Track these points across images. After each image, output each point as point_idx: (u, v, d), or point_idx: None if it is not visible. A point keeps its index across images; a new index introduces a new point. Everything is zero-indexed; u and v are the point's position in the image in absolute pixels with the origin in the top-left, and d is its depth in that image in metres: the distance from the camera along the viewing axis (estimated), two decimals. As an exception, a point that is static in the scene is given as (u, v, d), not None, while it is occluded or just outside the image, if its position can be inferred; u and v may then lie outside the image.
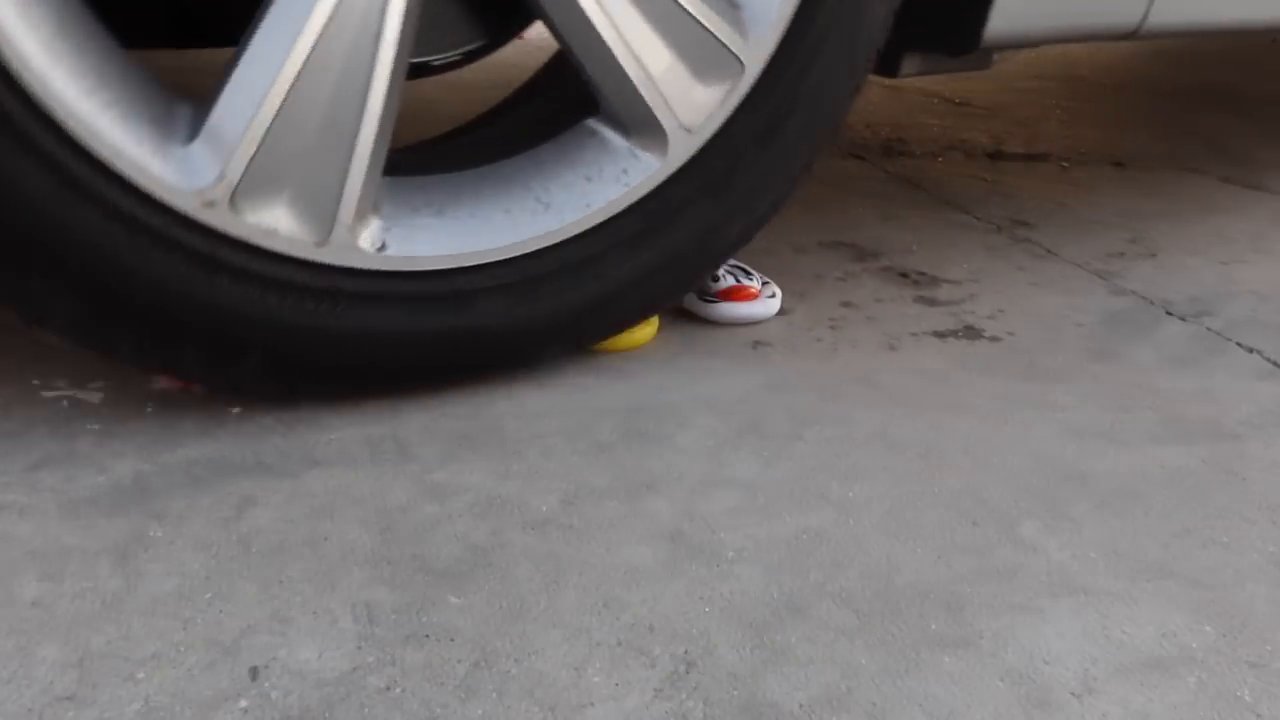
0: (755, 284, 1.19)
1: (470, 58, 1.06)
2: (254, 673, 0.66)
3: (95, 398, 0.97)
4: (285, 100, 0.82)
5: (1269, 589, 0.79)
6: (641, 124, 0.94)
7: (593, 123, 0.97)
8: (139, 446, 0.89)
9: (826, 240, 1.47)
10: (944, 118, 2.28)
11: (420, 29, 0.87)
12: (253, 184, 0.84)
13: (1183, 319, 1.28)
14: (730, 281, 1.17)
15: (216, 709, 0.64)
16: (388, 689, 0.66)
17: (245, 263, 0.86)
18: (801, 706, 0.66)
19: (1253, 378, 1.13)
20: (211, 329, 0.87)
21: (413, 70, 0.95)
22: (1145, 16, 1.19)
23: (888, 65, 1.18)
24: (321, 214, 0.86)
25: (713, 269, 1.03)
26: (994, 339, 1.19)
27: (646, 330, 1.12)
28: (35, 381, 0.99)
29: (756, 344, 1.14)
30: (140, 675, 0.66)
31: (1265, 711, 0.68)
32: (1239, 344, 1.21)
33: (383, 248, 0.90)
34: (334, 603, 0.73)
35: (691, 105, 0.93)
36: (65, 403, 0.96)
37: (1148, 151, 2.10)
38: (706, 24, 0.91)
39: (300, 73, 0.82)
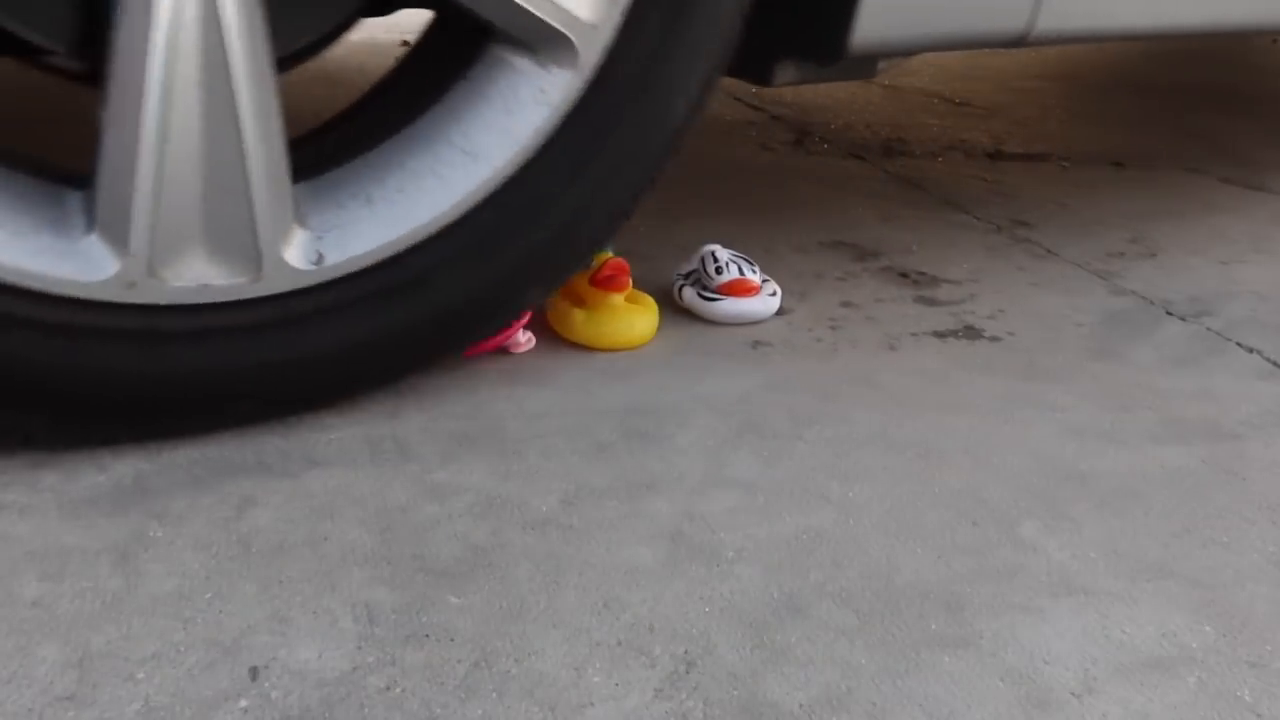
0: (757, 278, 1.19)
1: (340, 31, 0.95)
2: (254, 673, 0.66)
3: (95, 398, 0.97)
4: (159, 154, 0.78)
5: (1269, 589, 0.79)
6: (542, 35, 0.87)
7: (495, 49, 0.89)
8: (139, 446, 0.89)
9: (826, 240, 1.47)
10: (944, 118, 2.28)
11: (272, 18, 0.81)
12: (165, 250, 0.81)
13: (1183, 319, 1.28)
14: (734, 273, 1.17)
15: (216, 709, 0.64)
16: (388, 689, 0.66)
17: (191, 324, 0.84)
18: (801, 706, 0.66)
19: (1253, 378, 1.13)
20: (192, 393, 0.86)
21: (283, 63, 0.88)
22: (1033, 22, 1.12)
23: (760, 74, 1.11)
24: (244, 250, 0.83)
25: (668, 158, 0.96)
26: (994, 339, 1.19)
27: (647, 330, 1.12)
28: (35, 381, 0.99)
29: (756, 344, 1.14)
30: (140, 675, 0.66)
31: (1265, 711, 0.68)
32: (1239, 344, 1.21)
33: (319, 259, 0.86)
34: (334, 603, 0.73)
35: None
36: (65, 403, 0.96)
37: (1148, 151, 2.10)
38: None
39: (163, 119, 0.77)
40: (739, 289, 1.17)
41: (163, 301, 0.83)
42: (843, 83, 2.59)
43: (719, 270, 1.17)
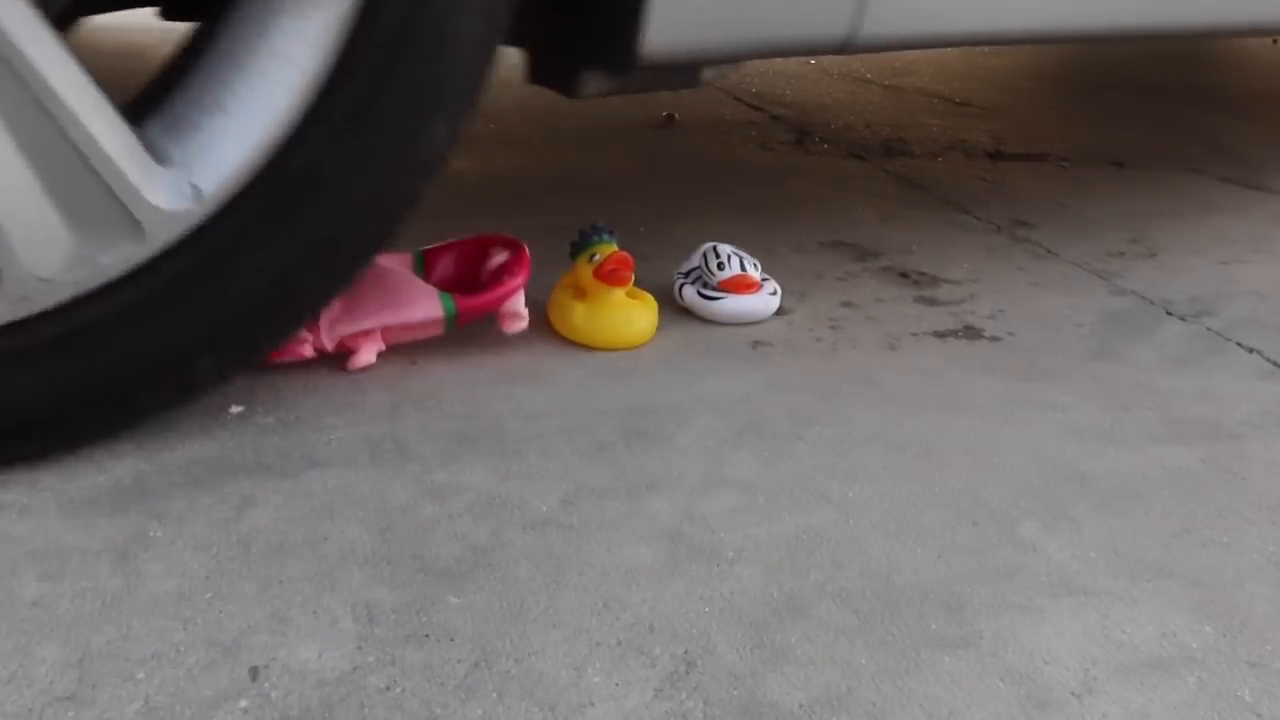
0: (758, 275, 1.19)
1: None
2: (254, 673, 0.66)
3: (95, 398, 0.97)
4: None
5: (1269, 589, 0.79)
6: None
7: None
8: (139, 446, 0.89)
9: (826, 240, 1.47)
10: (944, 118, 2.28)
11: None
12: (33, 261, 0.77)
13: (1183, 319, 1.28)
14: (736, 268, 1.17)
15: (216, 709, 0.64)
16: (388, 689, 0.66)
17: (112, 305, 0.81)
18: (801, 706, 0.66)
19: (1253, 378, 1.13)
20: (152, 364, 0.84)
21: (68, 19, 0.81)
22: (856, 29, 1.04)
23: (565, 84, 1.04)
24: (114, 219, 0.78)
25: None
26: (994, 339, 1.19)
27: (646, 327, 1.12)
28: (35, 381, 0.99)
29: (756, 344, 1.14)
30: (140, 675, 0.66)
31: (1265, 711, 0.68)
32: (1239, 344, 1.21)
33: (198, 194, 0.80)
34: (334, 603, 0.73)
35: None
36: (65, 403, 0.96)
37: (1148, 151, 2.10)
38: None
39: None
40: (740, 285, 1.17)
41: (67, 298, 0.79)
42: (843, 83, 2.59)
43: (720, 266, 1.17)
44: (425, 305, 1.03)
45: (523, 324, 1.08)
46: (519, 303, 1.07)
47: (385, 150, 0.86)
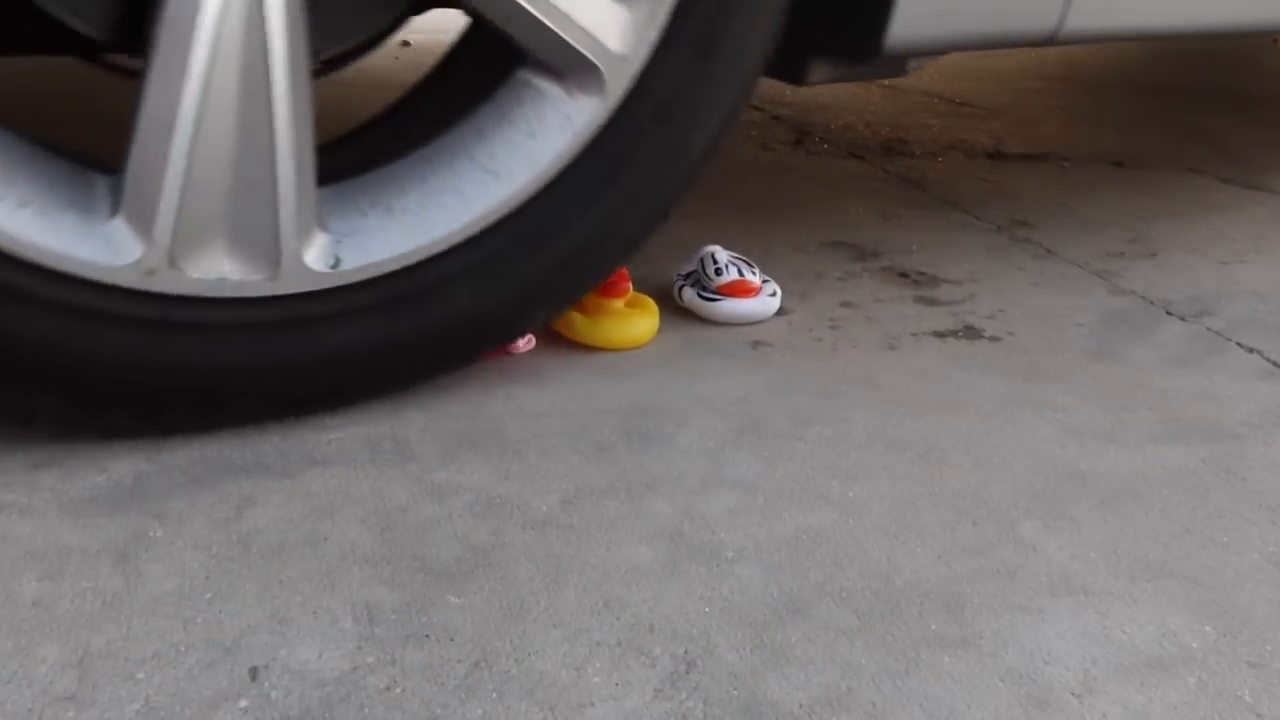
0: (757, 279, 1.19)
1: (382, 37, 0.96)
2: (254, 673, 0.66)
3: (95, 398, 0.97)
4: (192, 146, 0.79)
5: (1269, 589, 0.79)
6: (572, 64, 0.88)
7: (524, 73, 0.90)
8: (139, 446, 0.89)
9: (826, 240, 1.47)
10: (944, 118, 2.28)
11: (314, 21, 0.81)
12: (187, 241, 0.82)
13: (1183, 319, 1.28)
14: (733, 275, 1.17)
15: (216, 709, 0.64)
16: (388, 689, 0.66)
17: (204, 316, 0.85)
18: (801, 706, 0.66)
19: (1253, 378, 1.13)
20: (199, 386, 0.87)
21: (324, 66, 0.91)
22: (1061, 22, 1.13)
23: (793, 73, 1.13)
24: (264, 248, 0.84)
25: (684, 190, 0.98)
26: (994, 339, 1.19)
27: (647, 330, 1.12)
28: (35, 381, 0.99)
29: (756, 344, 1.14)
30: (140, 675, 0.66)
31: (1265, 711, 0.68)
32: (1239, 344, 1.21)
33: (337, 263, 0.87)
34: (334, 603, 0.73)
35: (616, 27, 0.87)
36: (65, 403, 0.96)
37: (1148, 151, 2.10)
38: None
39: (199, 113, 0.78)
40: (738, 290, 1.17)
41: (179, 292, 0.83)
42: (842, 83, 2.59)
43: (718, 272, 1.17)
44: None
45: (529, 346, 1.09)
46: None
47: (684, 139, 0.95)
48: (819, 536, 0.82)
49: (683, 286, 1.20)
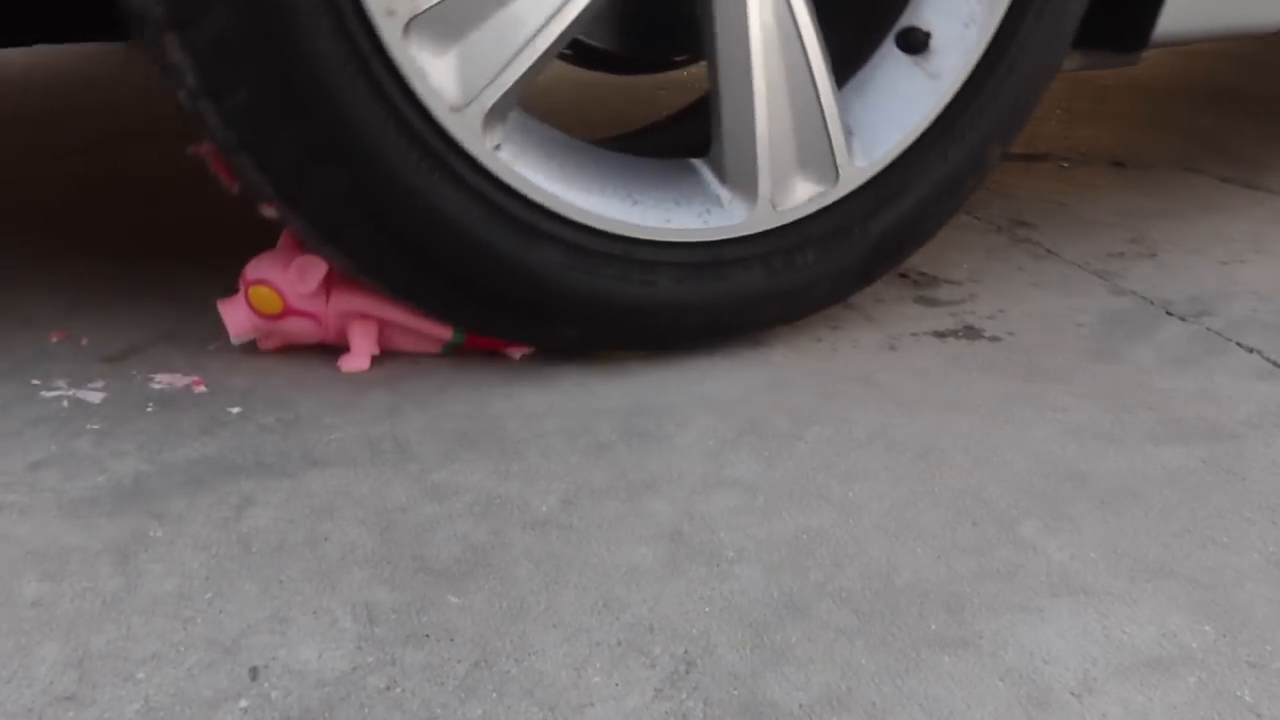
0: None
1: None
2: (254, 673, 0.66)
3: (95, 398, 0.97)
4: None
5: (1269, 589, 0.79)
6: (740, 181, 1.05)
7: (695, 161, 1.08)
8: (139, 446, 0.89)
9: (826, 240, 1.47)
10: (944, 118, 2.28)
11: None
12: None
13: (1183, 319, 1.28)
14: None
15: (216, 709, 0.64)
16: (388, 689, 0.66)
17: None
18: (801, 706, 0.66)
19: (1253, 378, 1.13)
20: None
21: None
22: None
23: None
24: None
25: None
26: (994, 339, 1.19)
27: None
28: (35, 381, 0.99)
29: (756, 344, 1.14)
30: (140, 675, 0.66)
31: (1265, 711, 0.68)
32: (1239, 344, 1.21)
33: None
34: (334, 603, 0.73)
35: (786, 189, 1.06)
36: (65, 403, 0.96)
37: (1148, 151, 2.10)
38: (832, 139, 1.05)
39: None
40: None
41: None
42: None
43: None
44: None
45: (528, 349, 1.09)
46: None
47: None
48: (819, 536, 0.82)
49: None
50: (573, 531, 0.81)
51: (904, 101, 1.10)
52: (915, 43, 1.10)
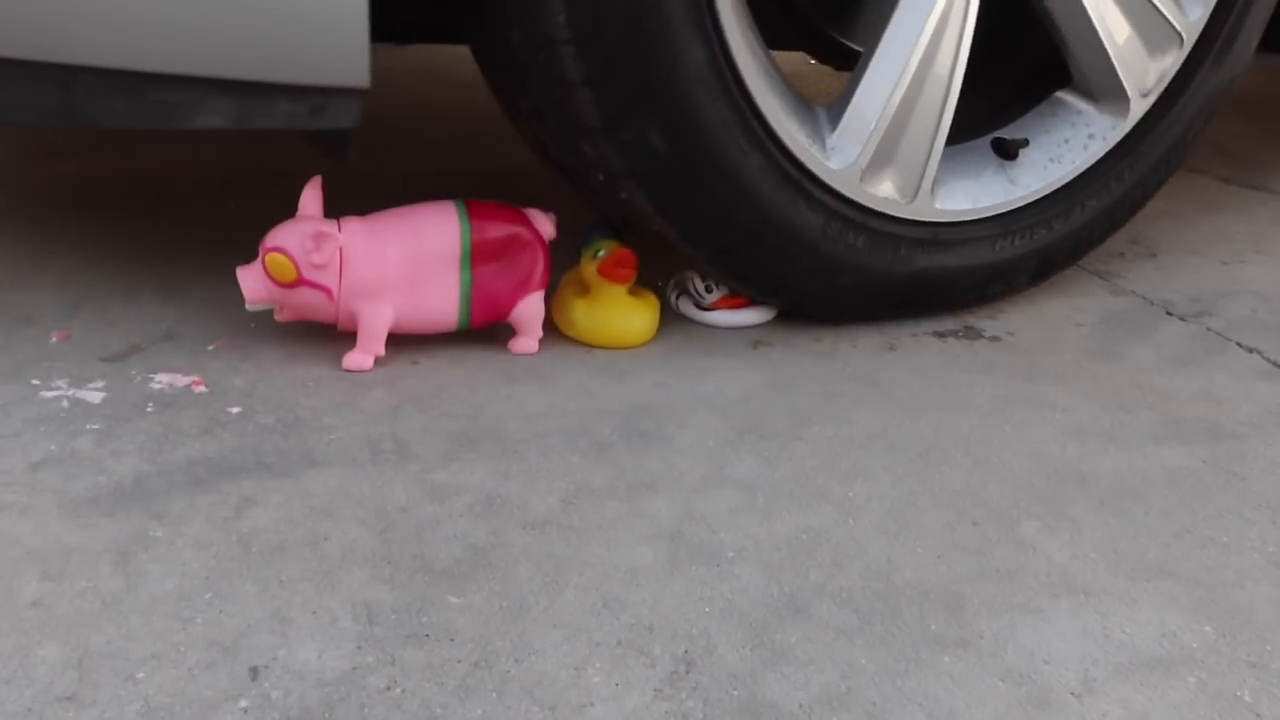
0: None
1: None
2: (254, 673, 0.66)
3: (95, 398, 0.97)
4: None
5: (1269, 589, 0.79)
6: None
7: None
8: (139, 446, 0.89)
9: (826, 240, 1.47)
10: (944, 118, 2.28)
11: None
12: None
13: (1183, 319, 1.28)
14: (723, 290, 1.17)
15: (216, 709, 0.64)
16: (388, 689, 0.66)
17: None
18: (801, 706, 0.66)
19: (1253, 378, 1.13)
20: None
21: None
22: None
23: None
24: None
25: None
26: (994, 339, 1.19)
27: (647, 325, 1.12)
28: (35, 381, 0.99)
29: (756, 344, 1.14)
30: (140, 675, 0.66)
31: (1265, 711, 0.68)
32: (1239, 344, 1.21)
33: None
34: (334, 603, 0.73)
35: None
36: (65, 403, 0.96)
37: (1148, 151, 2.09)
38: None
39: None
40: (730, 303, 1.17)
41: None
42: (842, 82, 2.58)
43: (709, 289, 1.17)
44: (444, 298, 1.03)
45: (532, 348, 1.08)
46: (531, 311, 1.07)
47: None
48: (819, 536, 0.82)
49: (679, 296, 1.19)
50: (573, 531, 0.81)
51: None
52: None
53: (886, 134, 1.09)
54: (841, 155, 1.09)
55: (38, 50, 0.86)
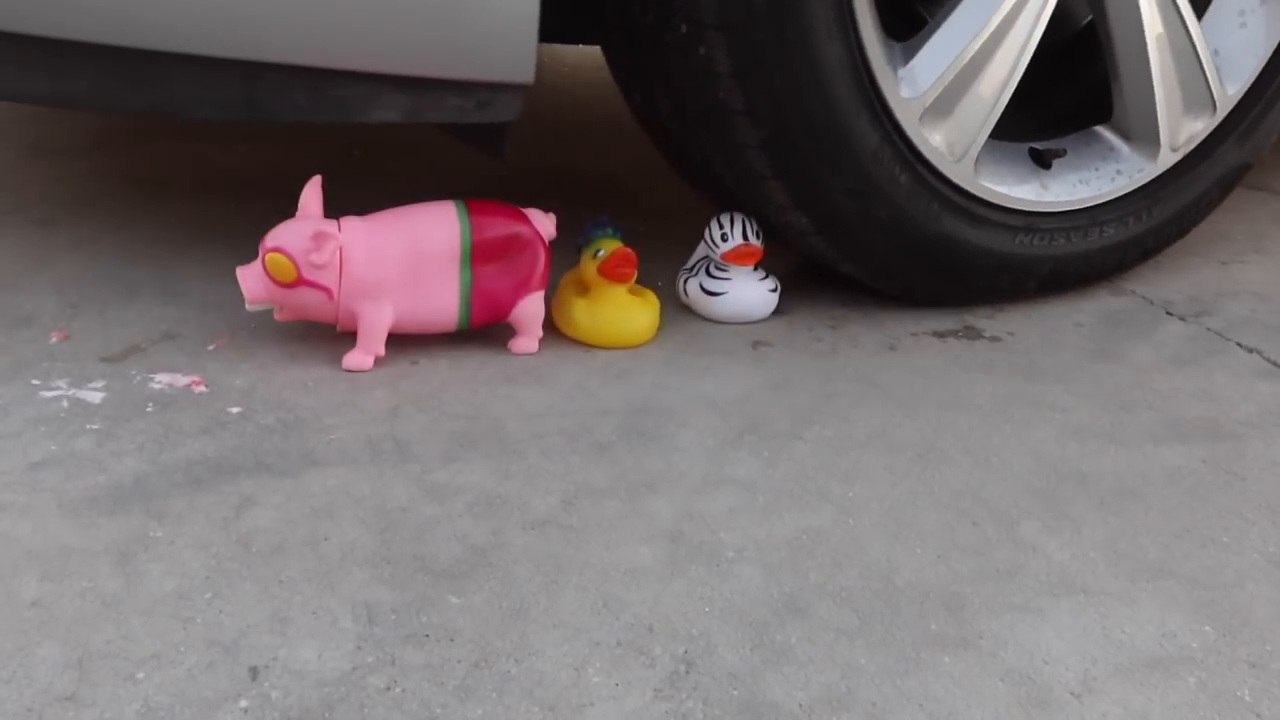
0: (759, 244, 1.17)
1: None
2: (254, 673, 0.66)
3: (95, 398, 0.97)
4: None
5: (1269, 589, 0.79)
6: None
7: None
8: (139, 446, 0.89)
9: (826, 240, 1.47)
10: (944, 118, 2.28)
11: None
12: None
13: (1183, 319, 1.28)
14: (738, 238, 1.15)
15: (216, 709, 0.64)
16: (388, 689, 0.66)
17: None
18: (801, 706, 0.66)
19: (1253, 378, 1.13)
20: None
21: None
22: None
23: None
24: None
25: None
26: (994, 339, 1.19)
27: (646, 325, 1.12)
28: (35, 381, 0.99)
29: (756, 343, 1.14)
30: (140, 675, 0.66)
31: (1265, 711, 0.68)
32: (1239, 344, 1.21)
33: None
34: (334, 603, 0.73)
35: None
36: (65, 403, 0.96)
37: (1148, 151, 2.09)
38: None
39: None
40: (743, 256, 1.15)
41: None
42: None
43: (724, 237, 1.15)
44: (445, 297, 1.03)
45: (532, 348, 1.08)
46: (530, 311, 1.07)
47: None
48: (819, 536, 0.82)
49: (687, 280, 1.19)
50: (573, 531, 0.81)
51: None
52: None
53: (952, 84, 1.12)
54: (910, 86, 1.11)
55: (226, 48, 0.90)
